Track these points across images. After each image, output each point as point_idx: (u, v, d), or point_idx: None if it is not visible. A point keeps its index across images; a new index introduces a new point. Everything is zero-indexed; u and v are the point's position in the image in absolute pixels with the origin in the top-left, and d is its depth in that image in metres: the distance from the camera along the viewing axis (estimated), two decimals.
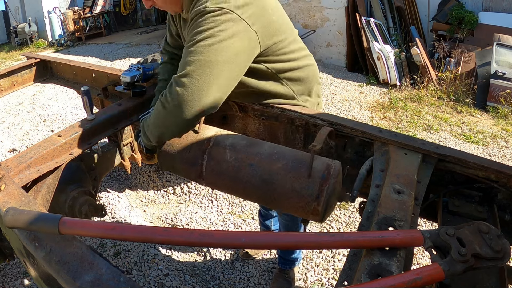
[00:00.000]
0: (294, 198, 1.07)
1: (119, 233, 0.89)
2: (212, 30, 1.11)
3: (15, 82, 2.38)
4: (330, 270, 2.16)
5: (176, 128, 1.21)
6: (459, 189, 1.17)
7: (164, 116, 1.19)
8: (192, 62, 1.12)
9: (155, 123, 1.23)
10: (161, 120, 1.21)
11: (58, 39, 9.92)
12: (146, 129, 1.28)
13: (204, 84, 1.11)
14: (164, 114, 1.18)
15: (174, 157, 1.26)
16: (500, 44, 4.93)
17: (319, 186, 1.04)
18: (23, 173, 1.22)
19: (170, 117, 1.17)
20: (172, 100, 1.14)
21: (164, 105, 1.17)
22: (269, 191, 1.11)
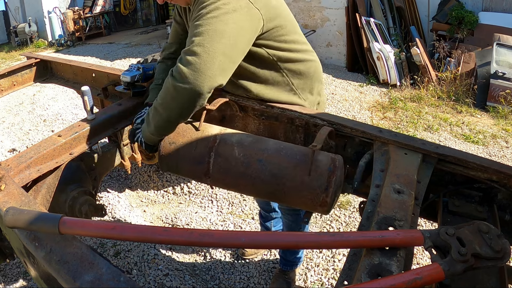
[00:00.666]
0: (304, 191, 1.11)
1: (119, 233, 0.89)
2: (216, 3, 1.14)
3: (15, 82, 2.38)
4: (330, 270, 2.16)
5: (188, 103, 1.15)
6: (459, 189, 1.17)
7: (174, 92, 1.13)
8: (200, 33, 1.12)
9: (163, 104, 1.17)
10: (170, 99, 1.15)
11: (58, 39, 9.92)
12: (151, 118, 1.23)
13: (214, 52, 1.10)
14: (175, 90, 1.13)
15: (178, 157, 1.25)
16: (500, 44, 4.93)
17: (327, 178, 1.09)
18: (23, 173, 1.22)
19: (182, 92, 1.12)
20: (185, 72, 1.10)
21: (176, 79, 1.12)
22: (279, 186, 1.13)
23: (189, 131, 1.27)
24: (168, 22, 9.77)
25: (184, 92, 1.12)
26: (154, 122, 1.23)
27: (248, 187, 1.19)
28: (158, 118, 1.21)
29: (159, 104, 1.20)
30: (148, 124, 1.26)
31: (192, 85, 1.10)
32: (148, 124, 1.26)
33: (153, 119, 1.23)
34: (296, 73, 1.44)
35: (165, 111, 1.19)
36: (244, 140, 1.22)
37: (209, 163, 1.20)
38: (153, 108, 1.22)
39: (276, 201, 1.26)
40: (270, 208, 2.10)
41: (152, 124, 1.24)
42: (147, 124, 1.27)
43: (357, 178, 1.18)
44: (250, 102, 1.49)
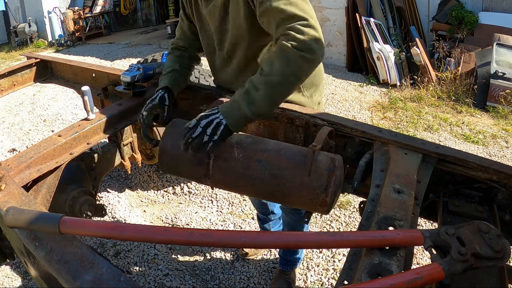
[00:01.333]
0: (303, 191, 1.11)
1: (119, 232, 0.89)
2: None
3: (15, 82, 2.38)
4: (330, 270, 2.16)
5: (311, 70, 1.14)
6: (459, 189, 1.17)
7: (304, 63, 1.09)
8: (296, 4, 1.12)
9: (284, 75, 1.09)
10: (298, 69, 1.10)
11: (58, 39, 9.92)
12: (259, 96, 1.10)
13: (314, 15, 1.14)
14: (304, 60, 1.09)
15: (178, 158, 1.25)
16: (500, 44, 4.93)
17: (326, 178, 1.09)
18: (23, 173, 1.22)
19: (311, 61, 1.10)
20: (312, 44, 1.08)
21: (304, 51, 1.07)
22: (279, 186, 1.14)
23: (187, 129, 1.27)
24: (168, 22, 9.77)
25: (311, 61, 1.10)
26: (264, 97, 1.11)
27: (248, 188, 1.19)
28: (272, 91, 1.10)
29: (276, 76, 1.09)
30: (251, 101, 1.11)
31: (319, 55, 1.11)
32: (251, 102, 1.11)
33: (264, 94, 1.10)
34: None
35: (285, 81, 1.10)
36: (243, 141, 1.22)
37: (208, 164, 1.19)
38: (264, 84, 1.10)
39: (276, 202, 1.27)
40: (268, 211, 2.10)
41: (260, 101, 1.11)
42: (248, 101, 1.11)
43: (357, 178, 1.18)
44: None
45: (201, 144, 1.09)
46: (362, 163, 1.21)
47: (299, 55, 1.07)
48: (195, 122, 1.13)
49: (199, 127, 1.11)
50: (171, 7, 11.79)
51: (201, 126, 1.11)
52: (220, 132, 1.10)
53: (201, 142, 1.09)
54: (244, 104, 1.10)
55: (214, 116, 1.12)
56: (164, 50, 4.40)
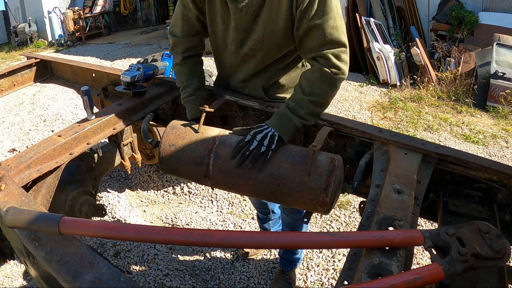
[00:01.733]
0: (303, 191, 1.12)
1: (119, 233, 0.89)
2: None
3: (15, 82, 2.38)
4: (330, 270, 2.16)
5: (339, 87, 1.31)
6: (459, 189, 1.17)
7: (336, 82, 1.27)
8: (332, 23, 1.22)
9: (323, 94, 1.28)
10: (330, 89, 1.28)
11: (58, 39, 9.92)
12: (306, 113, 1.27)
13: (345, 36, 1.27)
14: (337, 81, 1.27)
15: (178, 159, 1.25)
16: (500, 44, 4.93)
17: (326, 178, 1.09)
18: (23, 173, 1.22)
19: (340, 81, 1.28)
20: (343, 68, 1.25)
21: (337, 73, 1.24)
22: (279, 186, 1.14)
23: (188, 133, 1.27)
24: (168, 22, 9.77)
25: (340, 82, 1.29)
26: (311, 113, 1.28)
27: (248, 188, 1.19)
28: (317, 107, 1.29)
29: (320, 97, 1.27)
30: (301, 117, 1.27)
31: (344, 75, 1.28)
32: (301, 117, 1.27)
33: (309, 111, 1.27)
34: None
35: (328, 99, 1.31)
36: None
37: (208, 164, 1.20)
38: (309, 103, 1.26)
39: (276, 202, 1.27)
40: (267, 210, 2.10)
41: (307, 116, 1.27)
42: (298, 117, 1.26)
43: (357, 178, 1.18)
44: (250, 102, 1.49)
45: (259, 155, 1.17)
46: (362, 163, 1.21)
47: (338, 79, 1.26)
48: (250, 137, 1.21)
49: (255, 141, 1.19)
50: (171, 7, 11.80)
51: (257, 140, 1.19)
52: (276, 142, 1.19)
53: (258, 153, 1.17)
54: (295, 118, 1.26)
55: (266, 130, 1.22)
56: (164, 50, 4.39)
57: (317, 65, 1.25)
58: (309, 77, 1.27)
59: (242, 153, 1.17)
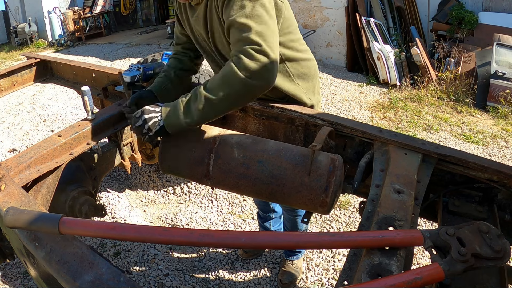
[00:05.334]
0: (304, 191, 1.12)
1: (119, 233, 0.89)
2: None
3: (15, 82, 2.38)
4: (330, 270, 2.16)
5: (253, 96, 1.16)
6: (459, 189, 1.17)
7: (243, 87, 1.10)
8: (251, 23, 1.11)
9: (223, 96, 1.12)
10: (234, 92, 1.12)
11: (58, 39, 9.92)
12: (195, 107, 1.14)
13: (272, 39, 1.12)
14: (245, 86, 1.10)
15: (178, 159, 1.25)
16: (500, 44, 4.93)
17: (327, 179, 1.09)
18: (23, 173, 1.22)
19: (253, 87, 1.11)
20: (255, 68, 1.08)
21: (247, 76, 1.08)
22: (279, 187, 1.14)
23: (189, 133, 1.27)
24: (168, 22, 9.77)
25: (255, 88, 1.11)
26: (200, 111, 1.14)
27: (248, 188, 1.19)
28: (209, 108, 1.14)
29: (215, 95, 1.12)
30: (188, 112, 1.16)
31: (267, 81, 1.12)
32: (188, 112, 1.16)
33: (201, 109, 1.14)
34: (300, 75, 1.46)
35: (222, 102, 1.13)
36: (244, 141, 1.22)
37: (209, 164, 1.20)
38: (204, 99, 1.13)
39: (276, 202, 1.27)
40: (269, 208, 2.11)
41: (195, 113, 1.15)
42: (185, 111, 1.16)
43: (357, 178, 1.18)
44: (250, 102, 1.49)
45: (141, 133, 1.22)
46: (362, 163, 1.21)
47: (244, 82, 1.08)
48: (140, 113, 1.23)
49: (140, 120, 1.22)
50: (171, 7, 11.78)
51: (142, 119, 1.22)
52: (155, 131, 1.21)
53: (140, 132, 1.22)
54: (182, 115, 1.17)
55: (155, 114, 1.22)
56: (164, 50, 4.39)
57: (227, 62, 1.14)
58: (216, 75, 1.17)
59: (132, 124, 1.26)
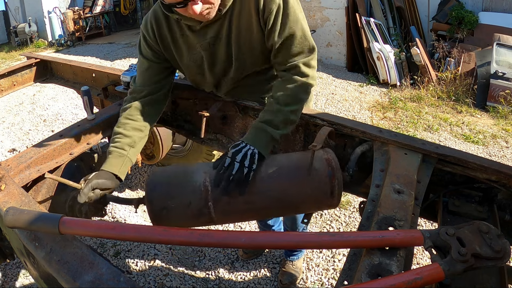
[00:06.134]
0: (311, 202, 1.13)
1: (119, 233, 0.89)
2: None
3: (15, 82, 2.38)
4: (330, 270, 2.16)
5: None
6: (459, 189, 1.17)
7: (308, 88, 1.27)
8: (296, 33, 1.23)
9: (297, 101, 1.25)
10: (305, 94, 1.26)
11: (58, 39, 9.91)
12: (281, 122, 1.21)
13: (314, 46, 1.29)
14: (309, 87, 1.27)
15: (176, 218, 1.12)
16: (500, 44, 4.93)
17: (330, 184, 1.09)
18: (23, 173, 1.22)
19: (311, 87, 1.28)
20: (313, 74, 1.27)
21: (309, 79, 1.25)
22: (287, 205, 1.14)
23: (174, 189, 1.11)
24: None
25: (311, 88, 1.29)
26: (288, 121, 1.23)
27: (255, 217, 1.21)
28: (290, 116, 1.23)
29: (293, 104, 1.23)
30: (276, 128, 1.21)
31: (315, 81, 1.30)
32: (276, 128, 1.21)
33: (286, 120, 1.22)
34: None
35: (296, 106, 1.24)
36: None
37: (210, 213, 1.10)
38: (283, 112, 1.22)
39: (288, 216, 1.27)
40: None
41: (283, 125, 1.22)
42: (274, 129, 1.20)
43: (351, 165, 1.20)
44: (250, 102, 1.49)
45: (242, 178, 1.08)
46: (358, 150, 1.24)
47: (310, 85, 1.26)
48: (229, 159, 1.12)
49: (236, 163, 1.10)
50: None
51: (237, 161, 1.10)
52: (256, 161, 1.12)
53: (242, 176, 1.08)
54: (271, 130, 1.19)
55: (245, 148, 1.14)
56: None
57: (288, 75, 1.25)
58: (283, 87, 1.25)
59: (225, 179, 1.08)
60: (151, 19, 1.35)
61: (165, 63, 1.42)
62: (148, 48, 1.38)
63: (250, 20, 1.24)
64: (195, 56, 1.37)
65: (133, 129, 1.33)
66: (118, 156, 1.27)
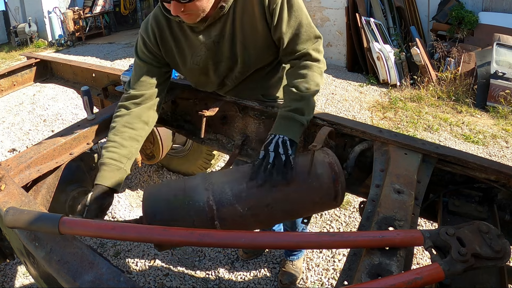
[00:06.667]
0: (316, 207, 1.16)
1: (119, 233, 0.89)
2: None
3: (15, 82, 2.38)
4: (330, 270, 2.16)
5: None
6: (459, 189, 1.17)
7: (322, 73, 1.30)
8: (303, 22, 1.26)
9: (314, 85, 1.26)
10: (320, 79, 1.28)
11: (58, 39, 9.91)
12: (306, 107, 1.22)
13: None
14: (322, 72, 1.30)
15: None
16: (500, 44, 4.93)
17: (333, 188, 1.10)
18: (23, 173, 1.22)
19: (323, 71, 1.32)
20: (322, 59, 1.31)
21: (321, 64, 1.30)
22: (293, 213, 1.16)
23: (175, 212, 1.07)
24: None
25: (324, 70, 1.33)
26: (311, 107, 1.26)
27: (260, 227, 1.22)
28: (312, 100, 1.26)
29: (313, 88, 1.25)
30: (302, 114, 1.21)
31: (325, 65, 1.34)
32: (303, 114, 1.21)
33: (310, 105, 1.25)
34: None
35: (316, 89, 1.26)
36: (238, 190, 1.09)
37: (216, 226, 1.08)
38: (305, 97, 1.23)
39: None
40: None
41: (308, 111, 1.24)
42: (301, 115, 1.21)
43: (350, 164, 1.22)
44: (250, 102, 1.49)
45: (282, 165, 1.07)
46: (357, 149, 1.25)
47: (322, 69, 1.30)
48: (263, 152, 1.12)
49: (270, 153, 1.10)
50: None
51: (271, 151, 1.11)
52: (290, 147, 1.12)
53: (281, 163, 1.07)
54: (298, 117, 1.20)
55: (276, 138, 1.15)
56: None
57: (301, 63, 1.28)
58: (299, 74, 1.26)
59: (264, 169, 1.06)
60: (151, 23, 1.33)
61: (165, 67, 1.41)
62: (148, 52, 1.36)
63: (253, 16, 1.24)
64: (198, 58, 1.35)
65: (131, 139, 1.31)
66: (115, 170, 1.24)
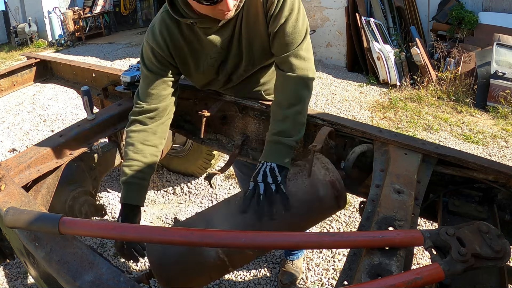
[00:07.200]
0: (319, 218, 1.21)
1: (119, 233, 0.89)
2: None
3: (15, 82, 2.38)
4: (330, 270, 2.16)
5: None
6: (459, 189, 1.17)
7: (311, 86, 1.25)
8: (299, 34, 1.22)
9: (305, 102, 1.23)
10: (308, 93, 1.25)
11: (58, 39, 9.91)
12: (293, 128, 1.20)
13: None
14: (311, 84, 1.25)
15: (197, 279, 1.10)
16: (500, 44, 4.92)
17: (337, 205, 1.13)
18: (23, 173, 1.22)
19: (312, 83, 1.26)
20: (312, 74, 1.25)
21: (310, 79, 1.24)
22: (299, 228, 1.16)
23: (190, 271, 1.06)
24: None
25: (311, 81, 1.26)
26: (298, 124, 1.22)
27: None
28: (299, 118, 1.22)
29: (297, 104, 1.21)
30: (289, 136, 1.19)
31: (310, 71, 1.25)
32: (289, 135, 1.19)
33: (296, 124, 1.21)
34: None
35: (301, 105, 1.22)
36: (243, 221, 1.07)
37: (231, 271, 1.14)
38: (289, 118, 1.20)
39: None
40: None
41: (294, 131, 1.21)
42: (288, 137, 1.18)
43: (349, 162, 1.23)
44: (250, 102, 1.49)
45: (273, 194, 1.07)
46: (357, 149, 1.26)
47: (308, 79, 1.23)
48: (252, 184, 1.11)
49: (259, 184, 1.10)
50: None
51: (259, 181, 1.10)
52: (278, 173, 1.11)
53: (271, 192, 1.07)
54: (284, 140, 1.18)
55: (263, 167, 1.14)
56: None
57: (282, 73, 1.23)
58: (281, 88, 1.24)
59: (256, 202, 1.05)
60: (161, 30, 1.25)
61: (176, 76, 1.36)
62: (157, 62, 1.27)
63: (257, 14, 1.24)
64: (212, 59, 1.32)
65: (151, 156, 1.30)
66: (142, 188, 1.27)
